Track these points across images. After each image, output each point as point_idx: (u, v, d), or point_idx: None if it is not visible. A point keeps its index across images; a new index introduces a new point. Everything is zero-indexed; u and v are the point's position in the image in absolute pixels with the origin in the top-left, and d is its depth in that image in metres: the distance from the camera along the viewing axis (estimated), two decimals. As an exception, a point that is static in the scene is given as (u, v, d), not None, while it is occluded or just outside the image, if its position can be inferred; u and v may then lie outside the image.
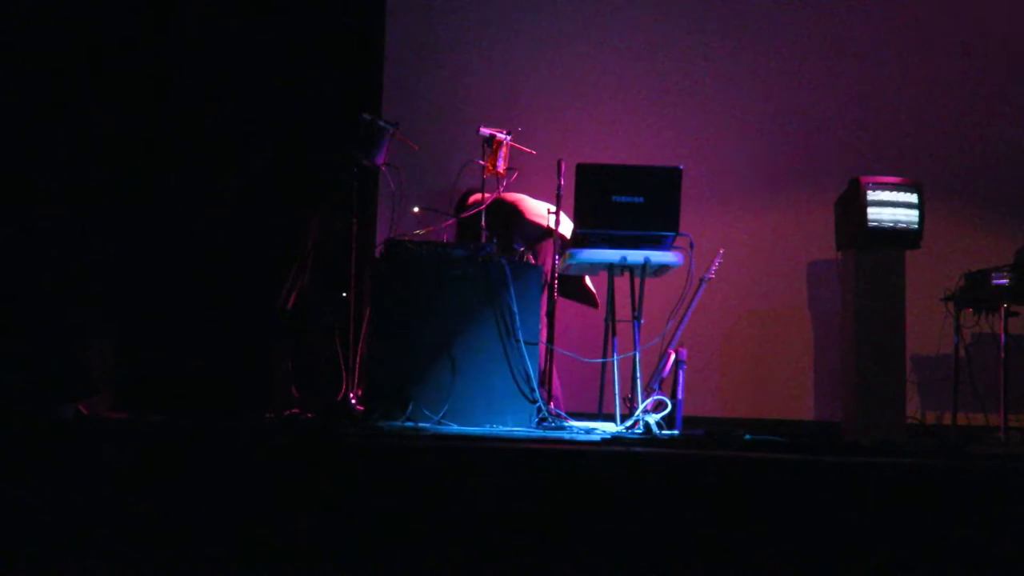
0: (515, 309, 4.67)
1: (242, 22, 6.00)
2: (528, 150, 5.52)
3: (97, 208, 5.64)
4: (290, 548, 3.50)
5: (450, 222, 5.21)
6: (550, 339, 5.02)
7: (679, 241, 4.90)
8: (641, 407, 4.73)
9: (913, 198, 5.50)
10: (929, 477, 3.57)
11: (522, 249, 5.19)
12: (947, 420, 5.86)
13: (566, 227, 5.28)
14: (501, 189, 5.39)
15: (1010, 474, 3.63)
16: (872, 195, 5.47)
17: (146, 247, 5.73)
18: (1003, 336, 5.59)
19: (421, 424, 4.58)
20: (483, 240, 5.10)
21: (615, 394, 4.83)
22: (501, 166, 5.34)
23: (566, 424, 4.73)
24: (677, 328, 4.98)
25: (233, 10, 6.00)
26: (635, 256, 4.84)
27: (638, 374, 4.83)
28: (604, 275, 5.16)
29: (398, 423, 4.60)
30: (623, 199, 4.79)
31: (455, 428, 4.52)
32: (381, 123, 5.27)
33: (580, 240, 4.91)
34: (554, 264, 5.12)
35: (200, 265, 5.75)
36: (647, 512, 3.51)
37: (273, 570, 3.47)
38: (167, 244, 5.75)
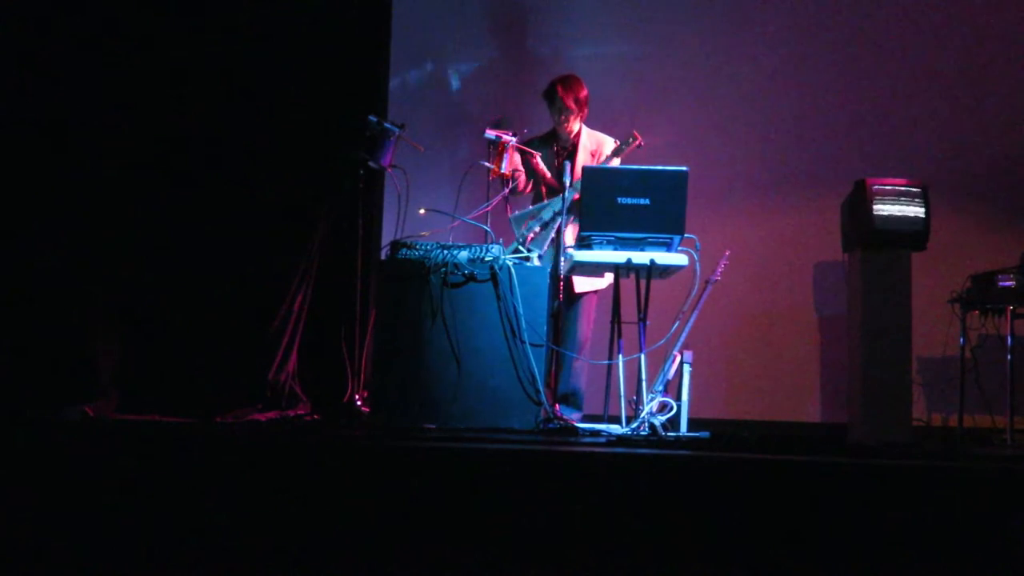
0: (520, 311, 4.67)
1: (246, 24, 6.00)
2: (533, 152, 5.52)
3: (103, 210, 5.64)
4: (295, 549, 3.50)
5: (455, 224, 5.22)
6: (555, 340, 5.02)
7: (685, 243, 4.89)
8: (647, 409, 4.72)
9: (919, 200, 5.49)
10: (935, 479, 3.56)
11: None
12: (953, 422, 5.85)
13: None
14: (506, 191, 5.38)
15: (1016, 476, 3.62)
16: (878, 197, 5.47)
17: (152, 249, 5.73)
18: (1009, 338, 5.58)
19: (426, 425, 4.59)
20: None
21: (621, 396, 4.83)
22: (506, 168, 5.34)
23: (572, 425, 4.73)
24: (683, 330, 4.97)
25: (236, 12, 6.00)
26: (641, 258, 4.84)
27: (644, 376, 4.83)
28: (610, 277, 5.16)
29: (403, 424, 4.61)
30: (629, 201, 4.79)
31: (460, 430, 4.52)
32: (387, 125, 5.28)
33: (586, 242, 4.91)
34: (559, 264, 5.12)
35: (207, 267, 5.75)
36: (652, 514, 3.50)
37: (277, 571, 3.47)
38: (172, 246, 5.75)
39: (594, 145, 5.58)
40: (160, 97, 5.83)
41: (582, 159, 5.51)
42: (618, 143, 5.37)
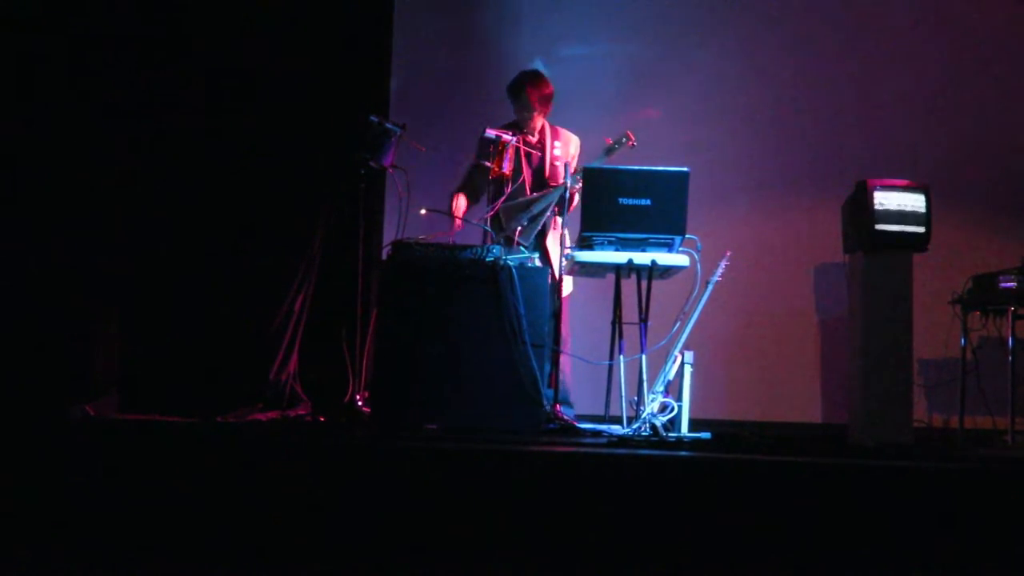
0: (521, 311, 4.67)
1: (246, 24, 5.99)
2: (534, 151, 5.51)
3: (103, 209, 5.64)
4: (295, 549, 3.50)
5: (456, 224, 5.22)
6: (556, 341, 5.02)
7: (686, 244, 4.90)
8: (648, 409, 4.72)
9: (920, 201, 5.47)
10: (936, 480, 3.56)
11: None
12: (954, 423, 5.85)
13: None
14: (508, 191, 5.39)
15: (1018, 477, 3.62)
16: (880, 198, 5.45)
17: (153, 249, 5.73)
18: (1011, 339, 5.57)
19: (427, 426, 4.58)
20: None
21: (622, 396, 4.83)
22: (507, 167, 5.34)
23: (572, 426, 4.73)
24: (684, 330, 4.97)
25: (238, 13, 6.00)
26: (642, 258, 4.84)
27: (645, 376, 4.82)
28: (611, 277, 5.16)
29: (403, 424, 4.60)
30: (630, 201, 4.79)
31: (460, 430, 4.52)
32: (389, 125, 5.27)
33: (587, 242, 4.92)
34: (560, 263, 5.12)
35: (207, 267, 5.75)
36: (653, 514, 3.50)
37: (277, 570, 3.47)
38: (173, 245, 5.75)
39: (562, 140, 5.58)
40: (160, 97, 5.82)
41: (549, 158, 5.52)
42: (611, 141, 5.34)
